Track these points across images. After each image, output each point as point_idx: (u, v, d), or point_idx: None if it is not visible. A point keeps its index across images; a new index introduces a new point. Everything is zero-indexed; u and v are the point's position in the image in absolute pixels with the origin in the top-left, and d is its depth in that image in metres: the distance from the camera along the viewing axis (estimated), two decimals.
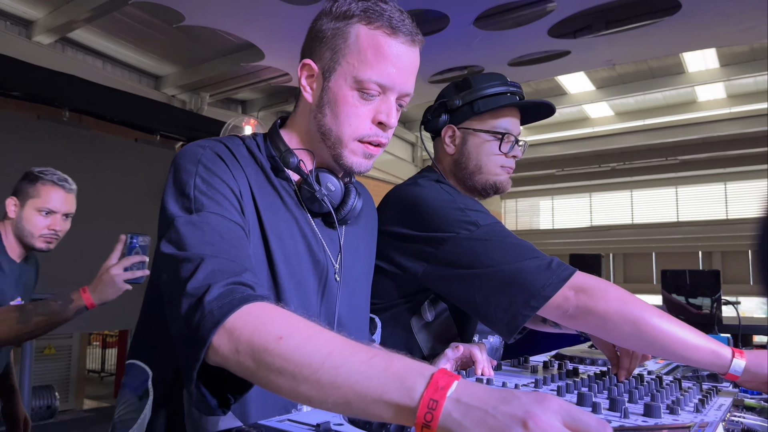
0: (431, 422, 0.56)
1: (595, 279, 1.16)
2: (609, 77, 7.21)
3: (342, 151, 0.97)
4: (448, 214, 1.28)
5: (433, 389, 0.58)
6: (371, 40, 0.93)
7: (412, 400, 0.58)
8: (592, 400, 0.89)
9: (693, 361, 1.08)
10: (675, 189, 11.11)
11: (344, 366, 0.63)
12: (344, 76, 0.94)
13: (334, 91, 0.94)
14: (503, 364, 1.34)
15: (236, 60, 5.53)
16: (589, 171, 10.92)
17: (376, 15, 0.93)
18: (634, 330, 1.09)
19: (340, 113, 0.95)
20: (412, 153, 10.99)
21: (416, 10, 4.39)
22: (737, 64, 6.60)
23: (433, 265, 1.25)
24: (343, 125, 0.95)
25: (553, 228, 12.42)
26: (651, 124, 8.98)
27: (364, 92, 0.94)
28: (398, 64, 0.95)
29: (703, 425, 0.81)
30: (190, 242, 0.80)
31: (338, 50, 0.94)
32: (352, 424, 0.74)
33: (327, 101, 0.95)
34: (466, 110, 1.43)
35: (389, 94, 0.96)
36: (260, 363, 0.67)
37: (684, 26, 4.55)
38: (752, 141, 8.41)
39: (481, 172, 1.43)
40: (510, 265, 1.18)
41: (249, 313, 0.70)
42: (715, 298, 3.29)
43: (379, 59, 0.93)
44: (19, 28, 4.86)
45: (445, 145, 1.46)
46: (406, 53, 0.96)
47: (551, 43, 4.92)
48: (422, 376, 0.59)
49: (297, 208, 1.00)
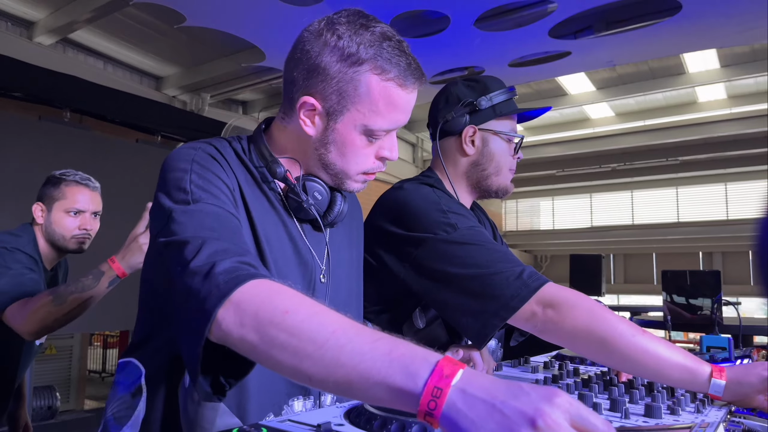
0: (434, 410, 0.55)
1: (566, 292, 1.13)
2: (609, 78, 7.21)
3: (345, 181, 1.02)
4: (430, 215, 1.28)
5: (438, 377, 0.57)
6: (383, 92, 0.94)
7: (416, 386, 0.57)
8: (592, 400, 0.90)
9: (668, 379, 1.04)
10: (675, 189, 11.11)
11: (349, 345, 0.63)
12: (353, 123, 0.96)
13: (342, 134, 0.97)
14: (503, 364, 1.34)
15: (237, 61, 5.53)
16: (590, 172, 10.92)
17: (387, 64, 0.94)
18: (602, 348, 1.07)
19: (347, 153, 0.98)
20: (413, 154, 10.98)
21: (416, 10, 4.39)
22: (738, 65, 6.60)
23: (413, 266, 1.26)
24: (350, 163, 0.99)
25: (553, 228, 12.43)
26: (651, 125, 8.98)
27: (372, 137, 0.98)
28: (406, 110, 0.98)
29: (703, 426, 0.81)
30: (190, 228, 0.80)
31: (347, 96, 0.94)
32: (353, 424, 0.75)
33: (333, 140, 0.97)
34: (489, 112, 1.42)
35: (393, 133, 1.01)
36: (264, 336, 0.66)
37: (684, 27, 4.55)
38: (753, 142, 8.41)
39: (499, 174, 1.44)
40: (483, 271, 1.17)
41: (256, 287, 0.70)
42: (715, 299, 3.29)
43: (390, 110, 0.96)
44: (20, 29, 4.86)
45: (465, 145, 1.43)
46: (414, 98, 1.00)
47: (552, 43, 4.92)
48: (427, 362, 0.59)
49: (284, 212, 1.02)
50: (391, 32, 0.98)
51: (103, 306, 1.81)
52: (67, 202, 1.99)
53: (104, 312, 4.43)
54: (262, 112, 7.09)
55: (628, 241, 11.39)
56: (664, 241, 10.98)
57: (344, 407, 0.83)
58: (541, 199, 12.67)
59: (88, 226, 2.01)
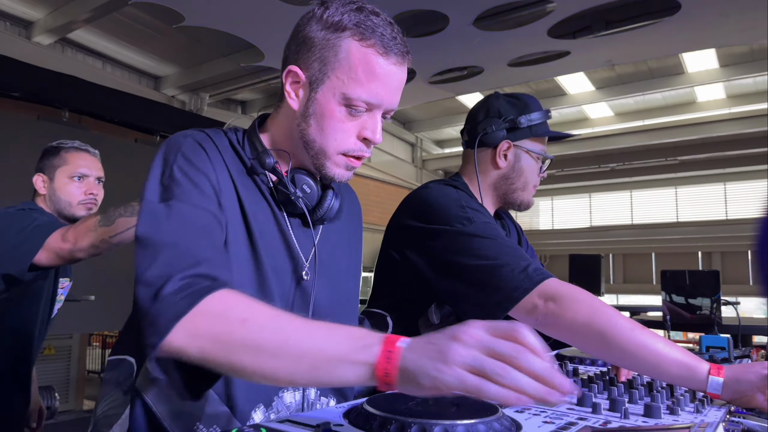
0: (390, 372, 0.67)
1: (568, 287, 1.15)
2: (608, 77, 7.22)
3: (325, 162, 0.97)
4: (449, 210, 1.34)
5: (388, 343, 0.69)
6: (363, 58, 0.91)
7: (372, 355, 0.68)
8: (592, 400, 0.90)
9: (666, 375, 1.05)
10: (674, 189, 11.12)
11: (309, 337, 0.72)
12: (333, 91, 0.93)
13: (322, 104, 0.94)
14: None
15: (236, 60, 5.53)
16: (589, 171, 10.93)
17: (368, 31, 0.91)
18: (602, 342, 1.08)
19: (326, 126, 0.94)
20: (412, 154, 10.98)
21: (416, 10, 4.39)
22: (737, 65, 6.61)
23: (432, 259, 1.31)
24: (328, 139, 0.95)
25: (552, 228, 12.44)
26: (650, 125, 8.99)
27: (352, 108, 0.93)
28: (388, 83, 0.94)
29: (703, 426, 0.81)
30: (157, 229, 0.82)
31: (328, 63, 0.92)
32: (352, 424, 0.75)
33: (313, 112, 0.95)
34: (526, 131, 1.49)
35: (376, 111, 0.96)
36: (226, 347, 0.72)
37: (683, 27, 4.56)
38: (752, 141, 8.42)
39: (525, 189, 1.51)
40: (490, 262, 1.21)
41: (208, 304, 0.74)
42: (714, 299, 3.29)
43: (369, 78, 0.92)
44: (18, 29, 4.86)
45: (498, 158, 1.49)
46: (397, 72, 0.95)
47: (551, 43, 4.93)
48: (376, 336, 0.70)
49: (275, 205, 1.00)
50: (381, 12, 0.96)
51: (102, 306, 1.80)
52: (69, 168, 1.96)
53: (104, 312, 4.42)
54: (261, 112, 7.09)
55: (627, 240, 11.40)
56: (663, 240, 10.99)
57: (343, 407, 0.83)
58: (540, 199, 12.68)
59: (94, 191, 1.96)
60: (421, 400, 0.82)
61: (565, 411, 0.88)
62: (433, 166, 11.22)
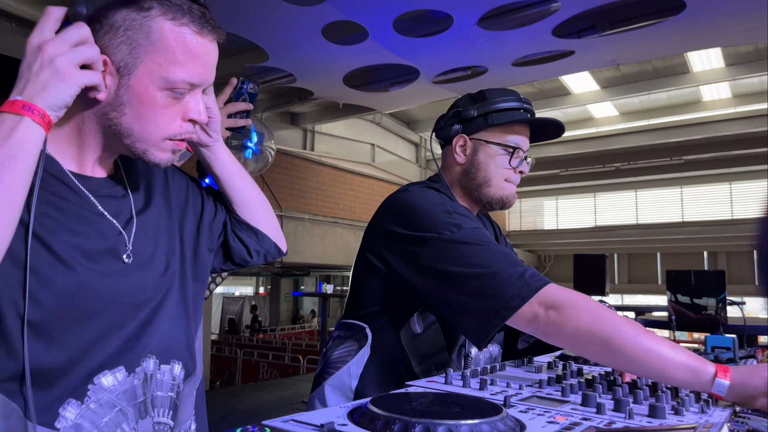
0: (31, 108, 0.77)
1: (568, 294, 1.13)
2: (613, 77, 7.20)
3: (148, 149, 0.91)
4: (435, 216, 1.28)
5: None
6: (178, 38, 0.86)
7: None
8: (596, 400, 0.89)
9: (672, 379, 1.03)
10: (680, 189, 11.09)
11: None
12: (149, 75, 0.86)
13: (138, 91, 0.87)
14: (507, 364, 1.34)
15: (240, 61, 5.54)
16: (594, 171, 10.90)
17: (178, 11, 0.86)
18: (606, 350, 1.07)
19: (145, 113, 0.88)
20: (416, 153, 10.99)
21: (420, 10, 4.39)
22: (742, 64, 6.58)
23: (416, 266, 1.26)
24: (150, 125, 0.89)
25: (557, 228, 12.42)
26: (655, 124, 8.96)
27: (174, 91, 0.88)
28: (207, 61, 0.90)
29: (708, 426, 0.81)
30: None
31: (138, 46, 0.85)
32: (357, 424, 0.75)
33: (128, 100, 0.87)
34: (480, 122, 1.43)
35: (197, 90, 0.92)
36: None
37: (688, 26, 4.54)
38: (757, 141, 8.38)
39: (489, 185, 1.44)
40: (485, 270, 1.17)
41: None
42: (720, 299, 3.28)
43: (189, 58, 0.87)
44: (24, 30, 4.88)
45: (455, 154, 1.46)
46: (213, 49, 0.92)
47: (555, 43, 4.92)
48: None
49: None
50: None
51: None
52: None
53: None
54: (266, 112, 7.11)
55: (632, 240, 11.37)
56: (669, 240, 10.95)
57: (347, 407, 0.83)
58: (545, 199, 12.66)
59: None
60: (425, 400, 0.82)
61: (570, 411, 0.88)
62: None
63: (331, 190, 9.56)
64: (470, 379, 1.06)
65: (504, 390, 1.02)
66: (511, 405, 0.89)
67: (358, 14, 4.33)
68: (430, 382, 1.08)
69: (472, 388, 1.03)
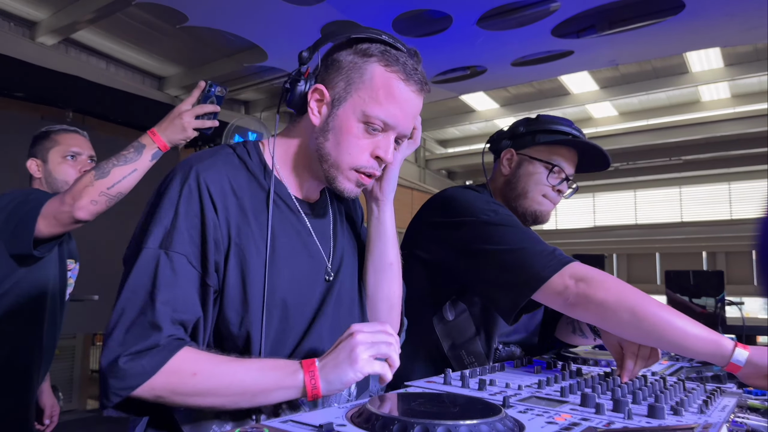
0: (316, 385, 0.89)
1: (594, 270, 1.21)
2: (612, 77, 7.20)
3: (337, 176, 1.03)
4: (474, 204, 1.40)
5: (307, 365, 0.90)
6: (385, 81, 0.99)
7: (299, 379, 0.89)
8: (595, 400, 0.89)
9: (693, 351, 1.10)
10: (679, 189, 11.08)
11: (247, 376, 0.89)
12: (353, 108, 1.00)
13: (341, 120, 1.00)
14: (506, 364, 1.34)
15: (239, 61, 5.53)
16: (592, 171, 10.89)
17: (393, 60, 1.00)
18: (632, 318, 1.13)
19: (342, 141, 1.00)
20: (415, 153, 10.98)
21: (419, 10, 4.39)
22: (741, 64, 6.57)
23: (454, 247, 1.37)
24: (343, 153, 1.01)
25: (556, 228, 12.41)
26: (654, 124, 8.96)
27: (368, 125, 1.00)
28: (405, 108, 1.01)
29: (707, 426, 0.81)
30: (129, 289, 0.92)
31: (352, 83, 1.00)
32: (355, 425, 0.74)
33: (332, 127, 1.01)
34: (528, 139, 1.56)
35: (390, 133, 1.03)
36: (183, 399, 0.89)
37: (688, 26, 4.54)
38: (756, 141, 8.39)
39: (526, 197, 1.54)
40: (517, 246, 1.27)
41: (168, 373, 0.87)
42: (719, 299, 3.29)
43: (389, 99, 0.99)
44: (22, 29, 4.87)
45: (502, 165, 1.59)
46: (414, 100, 1.03)
47: (554, 43, 4.92)
48: (296, 364, 0.91)
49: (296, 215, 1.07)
50: (405, 46, 1.06)
51: (105, 306, 1.80)
52: (62, 148, 1.99)
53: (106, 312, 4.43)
54: (264, 112, 7.09)
55: (631, 240, 11.36)
56: (668, 240, 10.95)
57: (346, 408, 0.83)
58: None
59: (88, 168, 1.96)
60: (424, 401, 0.82)
61: (569, 411, 0.88)
62: (437, 166, 11.21)
63: None
64: (469, 379, 1.06)
65: (503, 390, 1.02)
66: (510, 405, 0.89)
67: (358, 14, 4.32)
68: (429, 382, 1.08)
69: (471, 388, 1.03)
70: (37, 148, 2.01)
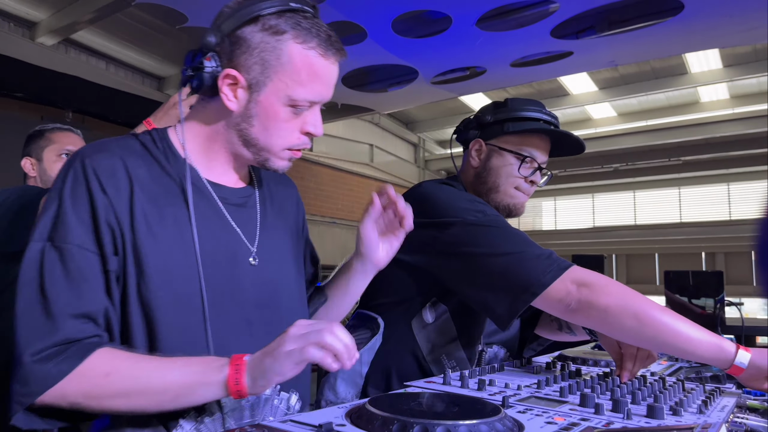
0: (240, 380, 0.80)
1: (595, 274, 1.18)
2: (611, 78, 7.21)
3: (269, 157, 1.00)
4: (457, 203, 1.32)
5: (236, 359, 0.82)
6: (304, 60, 0.94)
7: (224, 373, 0.81)
8: (595, 401, 0.89)
9: (696, 355, 1.09)
10: (678, 190, 11.09)
11: (169, 372, 0.82)
12: (276, 93, 0.95)
13: (265, 106, 0.96)
14: (506, 365, 1.34)
15: None
16: (592, 172, 10.91)
17: (307, 34, 0.94)
18: (636, 323, 1.11)
19: (270, 126, 0.97)
20: (415, 154, 10.99)
21: (418, 11, 4.39)
22: (740, 65, 6.59)
23: (438, 250, 1.29)
24: (273, 137, 0.98)
25: (555, 229, 12.42)
26: (654, 125, 8.97)
27: (295, 108, 0.97)
28: (328, 81, 0.98)
29: (706, 426, 0.81)
30: (33, 283, 0.87)
31: (269, 66, 0.94)
32: (354, 425, 0.75)
33: (256, 113, 0.96)
34: (497, 128, 1.46)
35: (316, 107, 1.00)
36: (95, 401, 0.82)
37: (687, 27, 4.54)
38: (755, 142, 8.40)
39: (498, 191, 1.46)
40: (511, 252, 1.21)
41: (79, 376, 0.81)
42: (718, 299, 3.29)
43: (312, 78, 0.95)
44: (22, 30, 4.87)
45: (470, 157, 1.50)
46: (335, 70, 1.00)
47: (554, 43, 4.92)
48: (224, 359, 0.83)
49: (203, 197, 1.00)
50: (312, 8, 0.99)
51: None
52: (57, 146, 2.00)
53: None
54: None
55: (630, 241, 11.37)
56: (667, 241, 10.96)
57: (345, 407, 0.83)
58: (543, 200, 12.66)
59: None
60: (423, 401, 0.82)
61: (568, 412, 0.88)
62: (436, 167, 11.22)
63: (329, 191, 9.55)
64: (468, 379, 1.06)
65: (502, 390, 1.02)
66: (509, 405, 0.89)
67: (357, 14, 4.32)
68: (428, 382, 1.08)
69: (470, 388, 1.03)
70: (31, 147, 2.02)
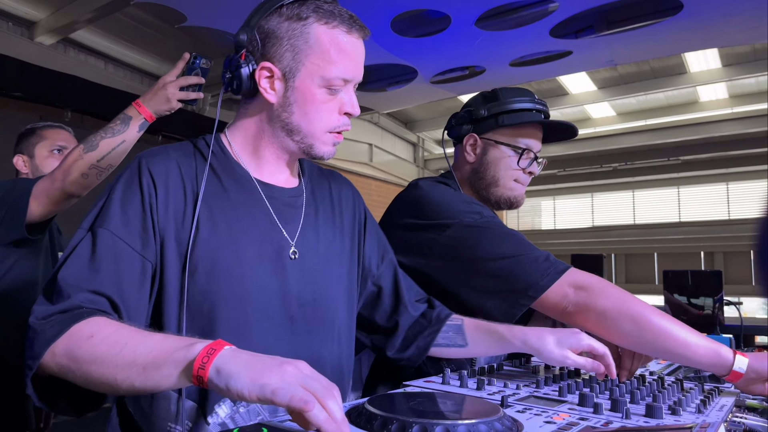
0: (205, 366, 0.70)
1: (594, 277, 1.18)
2: (611, 77, 7.20)
3: (314, 143, 1.03)
4: (453, 205, 1.31)
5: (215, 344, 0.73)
6: (332, 39, 0.98)
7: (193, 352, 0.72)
8: (593, 400, 0.89)
9: (694, 360, 1.08)
10: (677, 189, 11.09)
11: (143, 343, 0.77)
12: (310, 75, 0.99)
13: (301, 90, 0.99)
14: (504, 364, 1.34)
15: None
16: (591, 171, 10.90)
17: (329, 15, 0.99)
18: (634, 328, 1.11)
19: (309, 110, 1.00)
20: (414, 153, 10.97)
21: (417, 10, 4.39)
22: (739, 65, 6.58)
23: (436, 252, 1.28)
24: (314, 121, 1.01)
25: (554, 228, 12.42)
26: (653, 125, 8.97)
27: (330, 88, 1.00)
28: (356, 58, 1.02)
29: (704, 426, 0.81)
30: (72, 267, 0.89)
31: (300, 51, 0.98)
32: (354, 424, 0.75)
33: (294, 100, 1.00)
34: (491, 122, 1.45)
35: (350, 86, 1.03)
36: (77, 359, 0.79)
37: (686, 26, 4.54)
38: (754, 141, 8.40)
39: (497, 185, 1.46)
40: (509, 255, 1.21)
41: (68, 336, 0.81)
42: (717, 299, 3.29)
43: (341, 56, 0.99)
44: (21, 29, 4.86)
45: (465, 153, 1.48)
46: (361, 46, 1.03)
47: (553, 43, 4.92)
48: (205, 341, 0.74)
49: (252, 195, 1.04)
50: None
51: None
52: (48, 143, 2.01)
53: None
54: None
55: (629, 240, 11.37)
56: (666, 240, 10.96)
57: (344, 407, 0.83)
58: (542, 199, 12.66)
59: None
60: (422, 400, 0.82)
61: (567, 411, 0.88)
62: (435, 166, 11.21)
63: None
64: (467, 379, 1.06)
65: (501, 390, 1.02)
66: (508, 405, 0.89)
67: (357, 13, 4.31)
68: (427, 381, 1.08)
69: (469, 388, 1.03)
70: (23, 145, 2.03)
